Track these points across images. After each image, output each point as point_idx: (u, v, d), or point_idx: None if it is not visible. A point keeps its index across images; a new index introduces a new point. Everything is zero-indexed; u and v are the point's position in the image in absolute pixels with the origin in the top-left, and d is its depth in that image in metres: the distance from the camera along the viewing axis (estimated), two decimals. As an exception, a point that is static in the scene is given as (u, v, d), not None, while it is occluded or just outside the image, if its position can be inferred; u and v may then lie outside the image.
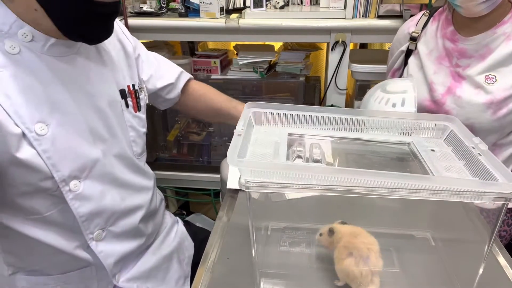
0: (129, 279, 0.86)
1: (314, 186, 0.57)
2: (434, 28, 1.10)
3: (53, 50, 0.69)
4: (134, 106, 0.87)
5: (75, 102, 0.72)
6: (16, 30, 0.65)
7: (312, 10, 1.64)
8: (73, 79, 0.73)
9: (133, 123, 0.86)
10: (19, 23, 0.65)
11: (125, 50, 0.88)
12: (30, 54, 0.67)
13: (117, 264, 0.83)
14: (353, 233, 0.68)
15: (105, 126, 0.78)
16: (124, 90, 0.85)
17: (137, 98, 0.88)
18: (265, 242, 0.79)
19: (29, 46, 0.67)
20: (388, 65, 1.27)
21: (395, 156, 0.78)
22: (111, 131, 0.80)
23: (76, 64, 0.74)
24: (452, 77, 1.03)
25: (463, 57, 1.01)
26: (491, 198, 0.56)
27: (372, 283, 0.64)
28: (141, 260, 0.89)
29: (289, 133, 0.77)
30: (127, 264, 0.87)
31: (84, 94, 0.75)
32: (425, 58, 1.09)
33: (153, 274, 0.90)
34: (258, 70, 1.72)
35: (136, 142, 0.88)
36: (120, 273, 0.85)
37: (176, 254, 0.99)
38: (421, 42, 1.12)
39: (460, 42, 1.01)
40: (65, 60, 0.71)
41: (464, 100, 1.00)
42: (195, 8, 1.60)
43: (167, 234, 1.00)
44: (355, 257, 0.65)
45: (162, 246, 0.96)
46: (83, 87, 0.75)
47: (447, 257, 0.75)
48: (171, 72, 1.04)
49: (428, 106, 1.07)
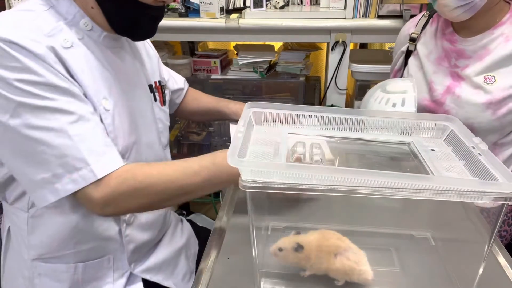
0: (143, 270, 0.91)
1: (314, 186, 0.57)
2: (433, 29, 1.10)
3: (105, 42, 0.78)
4: (160, 100, 0.95)
5: (122, 90, 0.80)
6: (79, 19, 0.74)
7: (312, 10, 1.64)
8: (120, 69, 0.81)
9: (160, 115, 0.94)
10: (81, 13, 0.74)
11: (148, 51, 0.97)
12: (90, 41, 0.76)
13: (135, 252, 0.88)
14: (323, 238, 0.68)
15: (140, 116, 0.85)
16: (152, 86, 0.93)
17: (163, 93, 0.97)
18: (266, 242, 0.79)
19: (89, 35, 0.76)
20: (391, 66, 1.27)
21: (395, 156, 0.78)
22: (144, 121, 0.87)
23: (121, 57, 0.82)
24: (452, 77, 1.04)
25: (461, 57, 1.02)
26: (491, 198, 0.56)
27: (367, 265, 0.66)
28: (154, 254, 0.94)
29: (289, 133, 0.77)
30: (142, 256, 0.92)
31: (126, 84, 0.82)
32: (424, 59, 1.09)
33: (164, 267, 0.95)
34: (258, 70, 1.72)
35: (163, 133, 0.96)
36: (136, 263, 0.90)
37: (184, 249, 1.03)
38: (421, 43, 1.12)
39: (458, 43, 1.02)
40: (113, 51, 0.80)
41: (463, 99, 1.00)
42: (195, 8, 1.60)
43: (174, 230, 1.03)
44: (341, 254, 0.65)
45: (171, 242, 1.00)
46: (126, 78, 0.83)
47: (447, 257, 0.75)
48: (180, 78, 1.15)
49: (428, 105, 1.07)
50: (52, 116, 0.65)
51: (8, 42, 0.63)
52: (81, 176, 0.67)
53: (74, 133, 0.66)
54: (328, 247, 0.67)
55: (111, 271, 0.87)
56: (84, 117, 0.68)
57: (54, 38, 0.69)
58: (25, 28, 0.66)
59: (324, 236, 0.68)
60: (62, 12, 0.73)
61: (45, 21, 0.70)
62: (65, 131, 0.66)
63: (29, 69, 0.64)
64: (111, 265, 0.86)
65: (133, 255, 0.88)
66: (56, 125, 0.66)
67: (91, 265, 0.84)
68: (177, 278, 0.98)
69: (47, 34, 0.68)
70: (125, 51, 0.85)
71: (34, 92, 0.64)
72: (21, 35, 0.65)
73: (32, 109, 0.65)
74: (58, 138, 0.65)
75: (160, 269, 0.94)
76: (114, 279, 0.87)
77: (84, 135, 0.67)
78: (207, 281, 0.70)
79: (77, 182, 0.67)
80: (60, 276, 0.83)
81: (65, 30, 0.72)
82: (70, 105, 0.67)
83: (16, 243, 0.85)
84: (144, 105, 0.88)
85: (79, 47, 0.73)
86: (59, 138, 0.66)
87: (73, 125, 0.67)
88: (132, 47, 0.88)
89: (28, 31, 0.66)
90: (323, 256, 0.67)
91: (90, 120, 0.69)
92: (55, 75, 0.67)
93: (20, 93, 0.64)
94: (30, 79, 0.64)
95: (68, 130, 0.66)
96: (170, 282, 0.95)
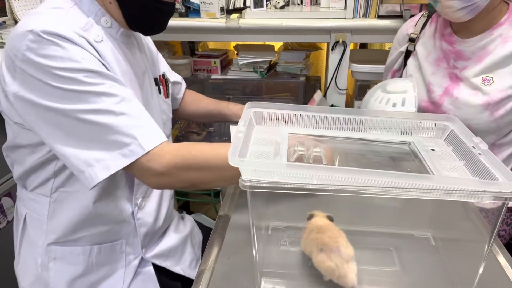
0: (153, 255, 0.95)
1: (314, 186, 0.57)
2: (432, 29, 1.10)
3: (122, 38, 0.83)
4: (164, 93, 1.00)
5: (138, 83, 0.86)
6: (100, 17, 0.79)
7: (312, 10, 1.64)
8: (134, 63, 0.86)
9: (164, 107, 0.99)
10: (102, 11, 0.79)
11: (149, 46, 1.01)
12: (110, 37, 0.80)
13: (146, 236, 0.93)
14: (320, 229, 0.69)
15: (149, 107, 0.88)
16: (157, 79, 0.97)
17: (167, 86, 1.02)
18: (266, 242, 0.79)
19: (109, 31, 0.80)
20: (386, 64, 1.27)
21: (396, 156, 0.78)
22: (152, 112, 0.90)
23: (133, 52, 0.87)
24: (450, 79, 1.03)
25: (460, 58, 1.01)
26: (491, 197, 0.56)
27: (349, 270, 0.65)
28: (162, 241, 0.99)
29: (289, 132, 0.77)
30: (153, 242, 0.97)
31: (140, 77, 0.88)
32: (423, 59, 1.09)
33: (172, 253, 1.00)
34: (258, 70, 1.72)
35: (167, 124, 1.01)
36: (147, 248, 0.95)
37: (190, 237, 1.08)
38: (420, 44, 1.12)
39: (457, 44, 1.01)
40: (127, 47, 0.85)
41: (461, 101, 1.00)
42: (195, 8, 1.60)
43: (178, 222, 1.08)
44: (326, 252, 0.66)
45: (176, 232, 1.04)
46: (137, 72, 0.87)
47: (447, 256, 0.75)
48: (176, 74, 1.16)
49: (426, 107, 1.07)
50: (99, 99, 0.70)
51: (52, 34, 0.68)
52: (130, 150, 0.71)
53: (120, 111, 0.71)
54: (316, 239, 0.68)
55: (123, 256, 0.91)
56: (126, 98, 0.73)
57: (88, 32, 0.75)
58: (64, 22, 0.71)
59: (321, 227, 0.69)
60: (84, 10, 0.78)
61: (75, 17, 0.75)
62: (112, 111, 0.71)
63: (72, 58, 0.69)
64: (123, 250, 0.90)
65: (145, 240, 0.93)
66: (103, 106, 0.70)
67: (105, 248, 0.88)
68: (185, 264, 1.02)
69: (83, 28, 0.74)
70: (135, 47, 0.89)
71: (79, 79, 0.69)
72: (63, 27, 0.70)
73: (78, 94, 0.69)
74: (106, 118, 0.70)
75: (169, 255, 0.99)
76: (126, 263, 0.91)
77: (129, 113, 0.72)
78: (208, 280, 0.70)
79: (127, 156, 0.71)
80: (75, 259, 0.87)
81: (95, 26, 0.77)
82: (112, 88, 0.72)
83: (32, 230, 0.88)
84: (151, 98, 0.93)
85: (106, 42, 0.78)
86: (106, 118, 0.70)
87: (118, 105, 0.72)
88: (139, 43, 0.92)
89: (68, 25, 0.71)
90: (311, 244, 0.68)
91: (132, 100, 0.75)
92: (96, 62, 0.72)
93: (66, 81, 0.69)
94: (74, 67, 0.69)
95: (114, 110, 0.71)
96: (178, 268, 1.00)
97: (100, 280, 0.89)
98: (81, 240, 0.87)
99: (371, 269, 0.73)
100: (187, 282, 1.00)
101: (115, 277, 0.90)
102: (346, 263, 0.65)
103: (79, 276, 0.87)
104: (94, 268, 0.88)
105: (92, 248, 0.87)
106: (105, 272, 0.89)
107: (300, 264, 0.74)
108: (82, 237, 0.86)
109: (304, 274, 0.71)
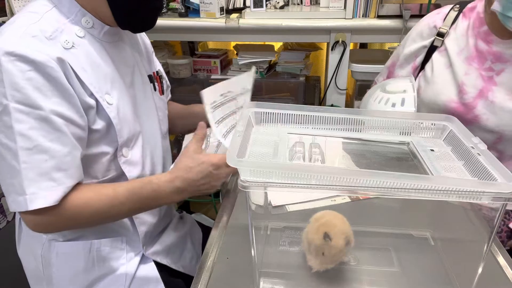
0: (153, 252, 0.96)
1: (313, 186, 0.57)
2: (465, 25, 1.01)
3: (106, 37, 0.81)
4: (159, 90, 0.99)
5: (124, 82, 0.84)
6: (80, 17, 0.77)
7: (312, 10, 1.64)
8: (120, 61, 0.84)
9: (160, 104, 0.98)
10: (82, 11, 0.77)
11: (144, 42, 1.00)
12: (91, 38, 0.79)
13: (147, 234, 0.93)
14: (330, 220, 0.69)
15: (142, 105, 0.89)
16: (151, 76, 0.96)
17: (161, 83, 1.01)
18: (265, 242, 0.79)
19: (90, 32, 0.79)
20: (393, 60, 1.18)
21: (395, 156, 0.78)
22: (146, 110, 0.91)
23: (121, 49, 0.86)
24: (483, 80, 0.96)
25: (498, 61, 0.95)
26: (490, 198, 0.56)
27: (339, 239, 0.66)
28: (162, 239, 0.99)
29: (288, 133, 0.77)
30: (153, 238, 0.97)
31: (128, 75, 0.86)
32: (455, 57, 1.01)
33: (172, 250, 1.01)
34: (258, 70, 1.72)
35: (163, 121, 0.99)
36: (147, 245, 0.95)
37: (189, 235, 1.09)
38: (451, 39, 1.03)
39: (494, 44, 0.94)
40: (113, 45, 0.83)
41: (497, 105, 0.94)
42: (195, 8, 1.60)
43: (177, 221, 1.09)
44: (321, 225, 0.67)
45: (176, 230, 1.05)
46: (127, 70, 0.86)
47: (446, 256, 0.75)
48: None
49: (456, 108, 0.99)
50: (13, 137, 0.69)
51: (8, 54, 0.67)
52: (19, 201, 0.70)
53: (24, 160, 0.69)
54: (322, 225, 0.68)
55: (124, 252, 0.91)
56: (40, 146, 0.70)
57: (56, 41, 0.72)
58: (27, 38, 0.69)
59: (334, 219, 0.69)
60: (64, 11, 0.76)
61: (47, 22, 0.73)
62: (19, 156, 0.69)
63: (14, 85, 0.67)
64: (124, 247, 0.91)
65: (145, 237, 0.93)
66: (13, 147, 0.69)
67: (106, 242, 0.89)
68: (185, 261, 1.03)
69: (49, 37, 0.72)
70: (125, 43, 0.88)
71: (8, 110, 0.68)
72: (23, 47, 0.68)
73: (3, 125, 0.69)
74: (12, 160, 0.69)
75: (169, 252, 0.99)
76: (127, 259, 0.92)
77: (32, 165, 0.69)
78: (207, 281, 0.71)
79: (17, 203, 0.71)
80: (77, 254, 0.87)
81: (66, 31, 0.75)
82: (33, 131, 0.69)
83: None
84: (145, 95, 0.92)
85: (80, 46, 0.76)
86: (13, 160, 0.69)
87: (27, 152, 0.69)
88: (130, 39, 0.91)
89: (29, 40, 0.69)
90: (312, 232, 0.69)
91: (48, 151, 0.70)
92: (39, 91, 0.69)
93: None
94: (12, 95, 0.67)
95: (20, 156, 0.69)
96: (179, 265, 1.00)
97: (102, 276, 0.89)
98: (83, 236, 0.88)
99: (370, 269, 0.73)
100: (189, 279, 1.00)
101: (117, 273, 0.90)
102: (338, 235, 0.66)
103: (81, 272, 0.87)
104: (96, 263, 0.89)
105: (92, 242, 0.87)
106: (107, 268, 0.89)
107: (299, 264, 0.74)
108: (82, 236, 0.87)
109: (303, 274, 0.71)
